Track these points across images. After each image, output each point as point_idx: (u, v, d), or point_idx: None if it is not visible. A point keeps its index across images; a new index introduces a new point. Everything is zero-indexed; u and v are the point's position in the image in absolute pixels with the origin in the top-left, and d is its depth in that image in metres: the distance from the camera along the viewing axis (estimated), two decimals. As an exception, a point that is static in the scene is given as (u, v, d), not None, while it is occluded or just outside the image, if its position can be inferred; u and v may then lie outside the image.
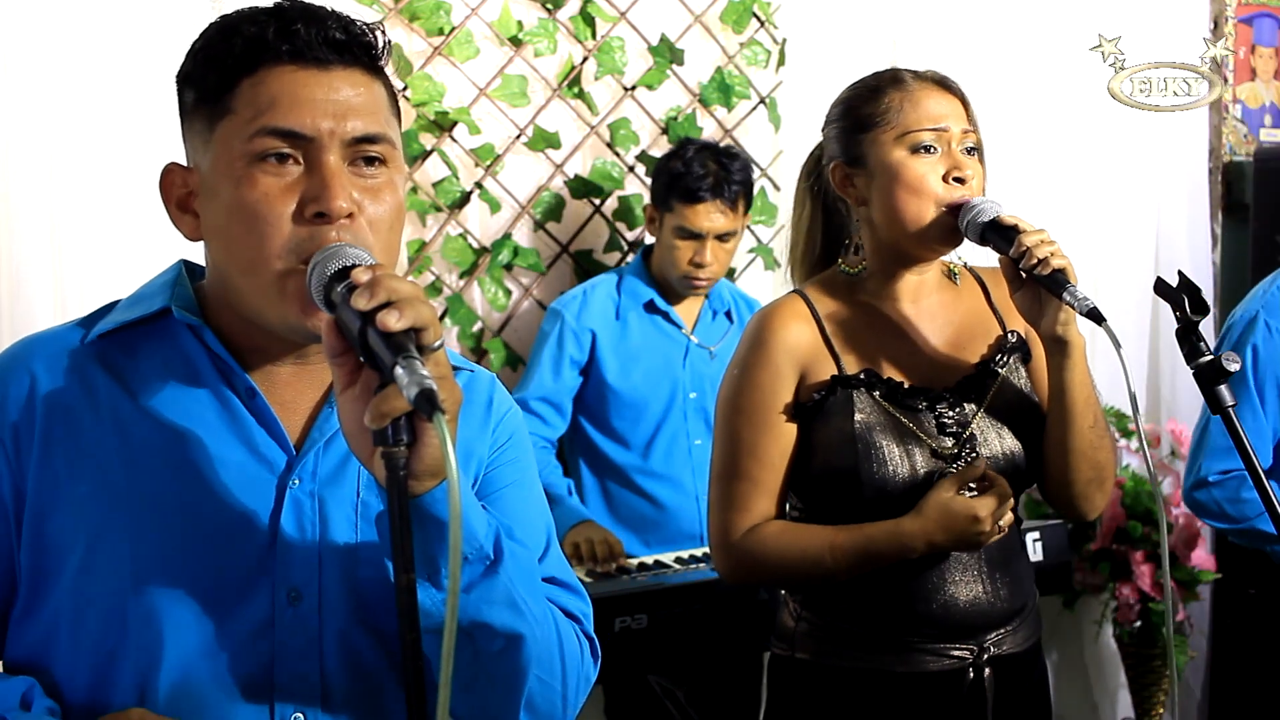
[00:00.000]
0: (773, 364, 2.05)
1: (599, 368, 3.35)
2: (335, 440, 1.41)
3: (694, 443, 3.38)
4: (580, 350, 3.34)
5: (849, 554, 1.99)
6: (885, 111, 2.03)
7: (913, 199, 1.99)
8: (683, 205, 3.24)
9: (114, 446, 1.36)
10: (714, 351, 3.41)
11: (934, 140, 2.00)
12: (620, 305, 3.38)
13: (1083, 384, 2.03)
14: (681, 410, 3.38)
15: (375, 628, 1.40)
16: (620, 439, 3.38)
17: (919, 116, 2.01)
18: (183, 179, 1.40)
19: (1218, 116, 4.40)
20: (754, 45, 3.83)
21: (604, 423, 3.37)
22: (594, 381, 3.36)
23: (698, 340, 3.41)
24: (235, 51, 1.35)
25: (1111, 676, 4.09)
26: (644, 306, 3.39)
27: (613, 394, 3.35)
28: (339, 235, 1.31)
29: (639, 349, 3.37)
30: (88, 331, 1.42)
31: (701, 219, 3.25)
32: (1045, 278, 1.91)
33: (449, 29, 3.44)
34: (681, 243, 3.27)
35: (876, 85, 2.07)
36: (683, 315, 3.41)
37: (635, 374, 3.36)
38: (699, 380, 3.40)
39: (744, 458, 2.06)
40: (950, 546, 1.99)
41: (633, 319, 3.38)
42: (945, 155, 2.00)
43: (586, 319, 3.34)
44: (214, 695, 1.35)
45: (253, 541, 1.37)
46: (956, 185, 1.99)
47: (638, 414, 3.36)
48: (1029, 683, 2.14)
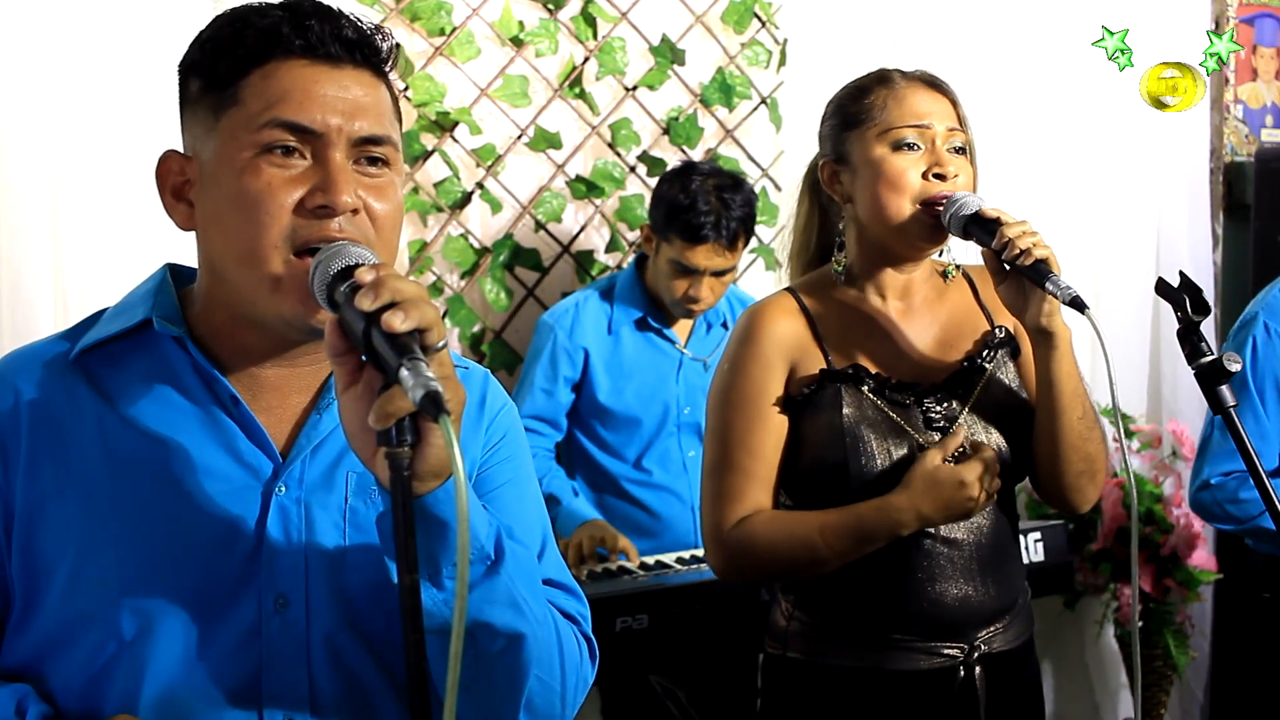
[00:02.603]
0: (763, 357, 2.05)
1: (591, 385, 3.32)
2: (323, 446, 1.41)
3: (688, 455, 3.37)
4: (573, 368, 3.30)
5: (840, 534, 1.99)
6: (870, 109, 2.04)
7: (892, 194, 2.00)
8: (681, 242, 3.18)
9: (99, 459, 1.37)
10: (708, 363, 3.39)
11: (916, 138, 2.02)
12: (613, 320, 3.34)
13: (1070, 375, 2.03)
14: (675, 425, 3.37)
15: (363, 632, 1.40)
16: (613, 450, 3.36)
17: (902, 114, 2.02)
18: (180, 167, 1.40)
19: (1219, 117, 4.40)
20: (755, 45, 3.84)
21: (597, 436, 3.35)
22: (586, 398, 3.33)
23: (691, 354, 3.39)
24: (247, 42, 1.35)
25: (1113, 677, 4.09)
26: (635, 323, 3.36)
27: (606, 411, 3.33)
28: (340, 228, 1.31)
29: (632, 366, 3.34)
30: (72, 346, 1.42)
31: (700, 259, 3.18)
32: (1028, 268, 1.91)
33: (450, 29, 3.44)
34: (677, 276, 3.22)
35: (864, 84, 2.09)
36: (676, 330, 3.39)
37: (628, 391, 3.33)
38: (692, 394, 3.37)
39: (735, 449, 2.06)
40: (941, 518, 1.98)
41: (625, 334, 3.35)
42: (928, 152, 2.02)
43: (579, 336, 3.30)
44: (202, 702, 1.35)
45: (238, 549, 1.37)
46: (937, 181, 2.00)
47: (631, 430, 3.34)
48: (1021, 680, 2.14)
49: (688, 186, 3.19)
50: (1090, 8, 3.62)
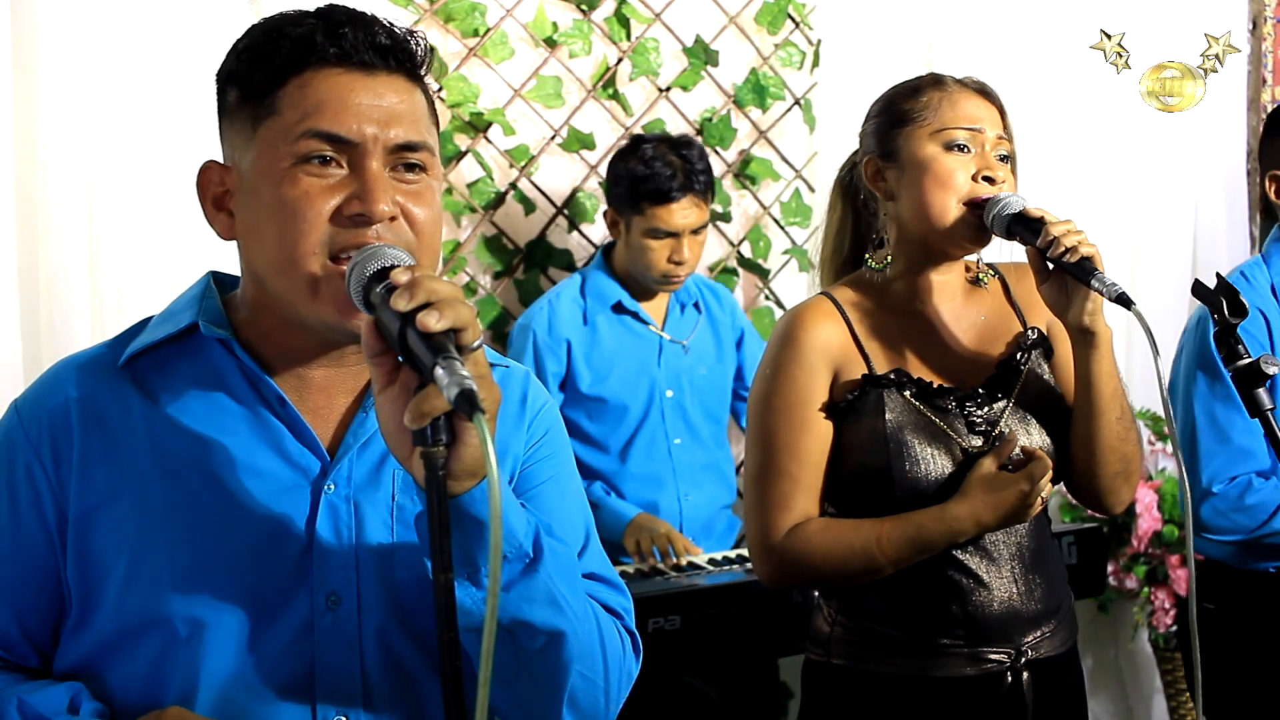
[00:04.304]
0: (807, 361, 2.05)
1: (574, 378, 3.31)
2: (370, 444, 1.42)
3: (674, 442, 3.36)
4: (558, 364, 3.29)
5: (898, 544, 1.98)
6: (924, 108, 2.05)
7: (939, 192, 2.01)
8: (654, 206, 3.18)
9: (150, 462, 1.38)
10: (687, 345, 3.39)
11: (968, 140, 2.02)
12: (587, 309, 3.33)
13: (1110, 375, 2.03)
14: (659, 410, 3.36)
15: (414, 629, 1.41)
16: (598, 444, 3.34)
17: (955, 115, 2.03)
18: (220, 177, 1.41)
19: (1256, 118, 4.36)
20: (789, 46, 3.83)
21: (580, 430, 3.31)
22: (570, 392, 3.32)
23: (670, 336, 3.38)
24: (282, 52, 1.36)
25: (1146, 681, 4.07)
26: (612, 308, 3.34)
27: (590, 402, 3.31)
28: (379, 236, 1.32)
29: (612, 353, 3.33)
30: (121, 352, 1.43)
31: (676, 218, 3.19)
32: (1073, 265, 1.92)
33: (484, 30, 3.45)
34: (656, 243, 3.21)
35: (918, 85, 2.10)
36: (651, 312, 3.37)
37: (612, 379, 3.32)
38: (674, 377, 3.37)
39: (781, 456, 2.04)
40: (997, 526, 1.99)
41: (601, 322, 3.33)
42: (978, 156, 2.03)
43: (559, 329, 3.29)
44: (257, 700, 1.36)
45: (290, 548, 1.38)
46: (985, 184, 2.01)
47: (617, 419, 3.33)
48: (1066, 686, 2.13)
49: (643, 155, 3.22)
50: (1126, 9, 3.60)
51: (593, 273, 3.38)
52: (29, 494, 1.39)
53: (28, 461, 1.39)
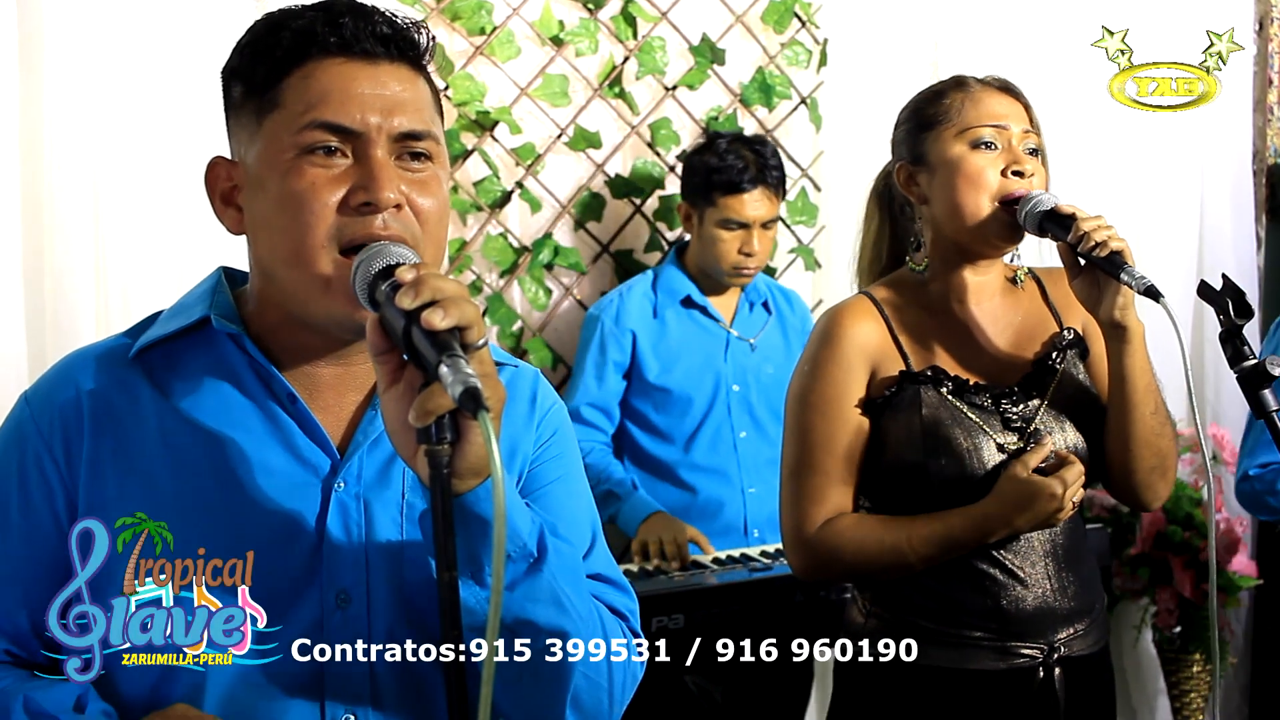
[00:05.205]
0: (845, 359, 2.07)
1: (640, 369, 3.35)
2: (379, 442, 1.42)
3: (739, 435, 3.38)
4: (622, 353, 3.34)
5: (929, 543, 2.01)
6: (948, 110, 2.08)
7: (971, 191, 2.03)
8: (726, 197, 3.26)
9: (160, 457, 1.38)
10: (754, 343, 3.43)
11: (994, 137, 2.06)
12: (658, 303, 3.39)
13: (1143, 370, 2.05)
14: (725, 404, 3.38)
15: (423, 628, 1.40)
16: (663, 435, 3.38)
17: (979, 114, 2.07)
18: (227, 173, 1.42)
19: (1262, 119, 4.36)
20: (795, 45, 3.83)
21: (646, 421, 3.37)
22: (636, 381, 3.37)
23: (737, 333, 3.42)
24: (284, 44, 1.36)
25: (1150, 681, 4.06)
26: (681, 302, 3.39)
27: (657, 392, 3.35)
28: (385, 224, 1.32)
29: (679, 345, 3.38)
30: (131, 344, 1.43)
31: (748, 208, 3.27)
32: (1103, 260, 1.95)
33: (490, 29, 3.45)
34: (727, 234, 3.28)
35: (941, 88, 2.14)
36: (720, 309, 3.42)
37: (678, 370, 3.36)
38: (741, 373, 3.40)
39: (817, 451, 2.07)
40: (1028, 527, 2.01)
41: (670, 316, 3.39)
42: (1005, 151, 2.06)
43: (625, 320, 3.35)
44: (265, 698, 1.36)
45: (300, 546, 1.38)
46: (1015, 179, 2.04)
47: (682, 410, 3.36)
48: (1097, 685, 2.15)
49: (717, 149, 3.31)
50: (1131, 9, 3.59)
51: (665, 268, 3.44)
52: (41, 487, 1.39)
53: (39, 454, 1.39)
